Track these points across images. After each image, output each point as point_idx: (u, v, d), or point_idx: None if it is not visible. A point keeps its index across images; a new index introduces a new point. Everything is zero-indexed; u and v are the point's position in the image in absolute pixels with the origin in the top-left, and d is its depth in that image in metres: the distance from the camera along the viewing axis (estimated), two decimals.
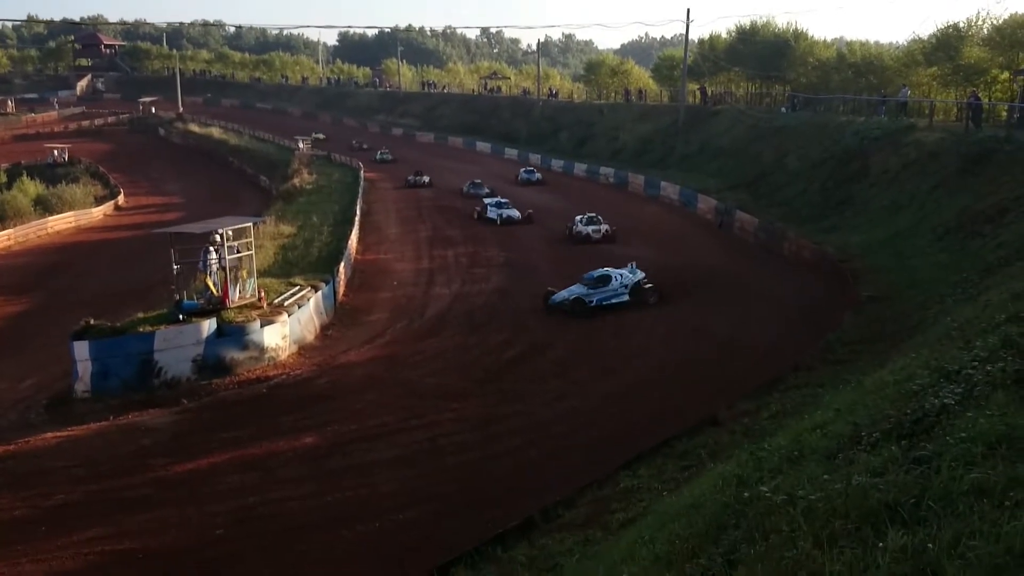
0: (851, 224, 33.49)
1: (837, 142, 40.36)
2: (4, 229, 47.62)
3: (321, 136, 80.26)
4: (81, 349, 21.38)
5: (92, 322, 22.23)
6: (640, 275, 27.48)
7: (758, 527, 5.34)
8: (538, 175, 58.32)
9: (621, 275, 27.27)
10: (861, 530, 4.80)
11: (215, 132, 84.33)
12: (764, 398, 16.05)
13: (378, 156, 69.16)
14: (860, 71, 53.36)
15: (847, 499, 5.19)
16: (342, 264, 31.65)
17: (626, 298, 26.82)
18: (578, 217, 39.24)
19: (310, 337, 25.74)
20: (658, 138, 60.69)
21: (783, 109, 53.44)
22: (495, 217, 43.10)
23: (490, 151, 74.52)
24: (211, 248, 23.71)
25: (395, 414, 19.15)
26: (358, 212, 42.93)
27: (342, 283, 31.03)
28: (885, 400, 8.06)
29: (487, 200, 46.38)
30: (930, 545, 4.42)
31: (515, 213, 43.24)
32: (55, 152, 72.39)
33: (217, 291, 23.51)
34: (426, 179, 58.33)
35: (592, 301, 26.57)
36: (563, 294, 27.11)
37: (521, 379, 21.41)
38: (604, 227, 38.14)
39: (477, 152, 75.24)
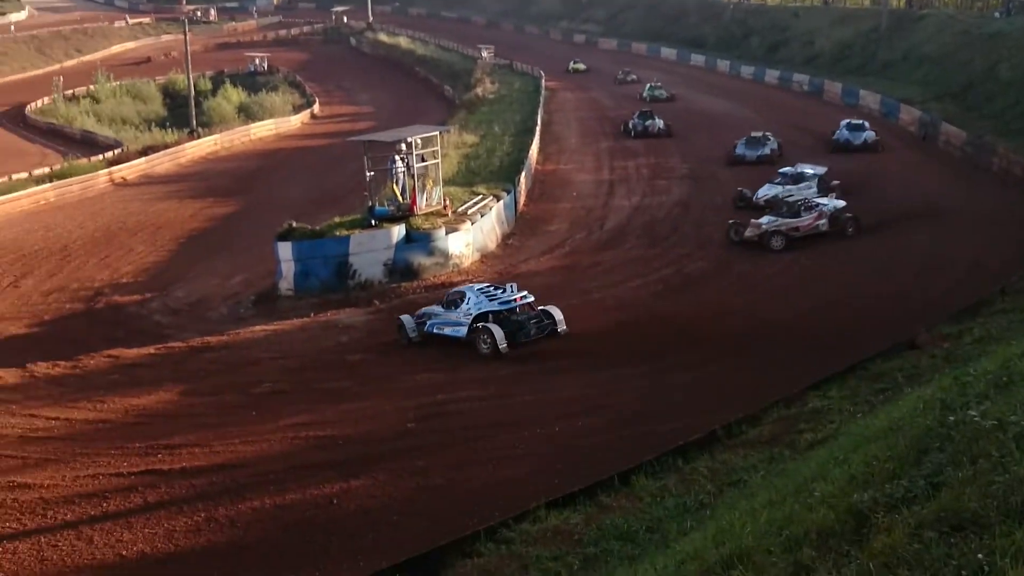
0: None
1: None
2: (211, 135, 50.85)
3: (582, 66, 66.94)
4: (285, 250, 22.86)
5: (294, 225, 23.64)
6: (504, 303, 17.95)
7: (965, 451, 5.16)
8: (868, 133, 35.64)
9: (477, 298, 18.18)
10: None
11: (402, 42, 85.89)
12: (967, 322, 15.15)
13: (646, 91, 52.15)
14: None
15: None
16: (523, 174, 31.95)
17: (462, 334, 17.94)
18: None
19: (492, 245, 26.35)
20: (858, 43, 56.88)
21: (996, 14, 48.78)
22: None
23: (676, 58, 72.23)
24: (397, 156, 24.47)
25: (573, 324, 19.39)
26: (539, 122, 42.93)
27: (523, 193, 31.39)
28: None
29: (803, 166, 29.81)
30: None
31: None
32: (256, 61, 75.86)
33: (403, 198, 24.33)
34: (659, 123, 41.22)
35: (424, 326, 18.57)
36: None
37: (702, 295, 21.12)
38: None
39: (663, 59, 73.12)
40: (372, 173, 24.51)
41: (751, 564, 5.36)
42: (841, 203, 25.42)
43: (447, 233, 24.05)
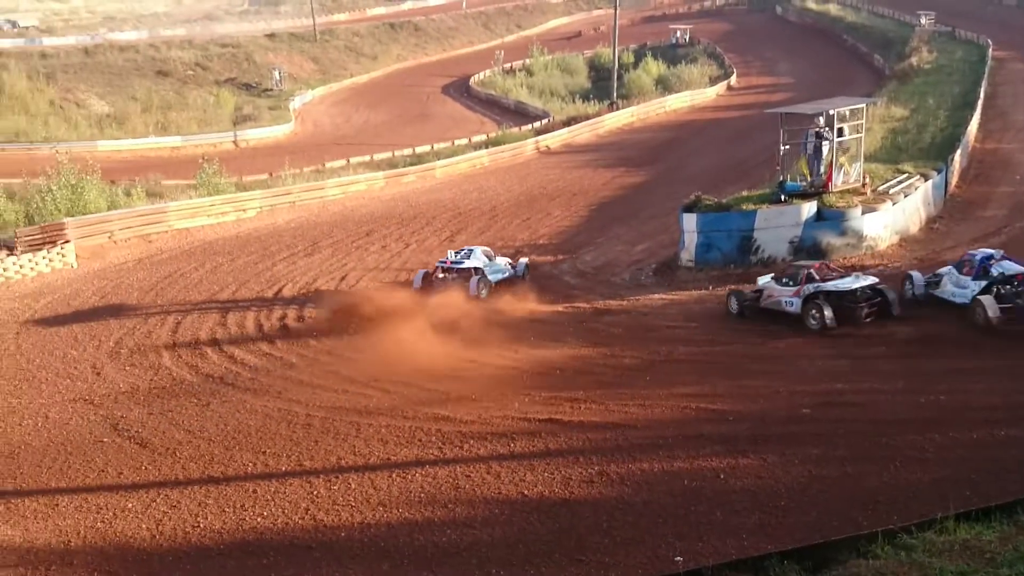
0: None
1: None
2: (629, 107, 52.62)
3: None
4: (689, 221, 23.02)
5: (700, 197, 23.72)
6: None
7: None
8: None
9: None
10: None
11: (832, 8, 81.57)
12: None
13: None
14: None
15: None
16: (957, 152, 28.95)
17: None
18: None
19: (914, 229, 24.30)
20: None
21: None
22: None
23: None
24: (812, 130, 23.35)
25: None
26: (981, 95, 38.60)
27: (955, 173, 28.49)
28: None
29: None
30: None
31: None
32: (677, 33, 76.75)
33: (818, 174, 23.20)
34: None
35: None
36: None
37: None
38: None
39: None
40: (787, 146, 23.70)
41: None
42: (870, 279, 17.93)
43: (863, 213, 22.56)
